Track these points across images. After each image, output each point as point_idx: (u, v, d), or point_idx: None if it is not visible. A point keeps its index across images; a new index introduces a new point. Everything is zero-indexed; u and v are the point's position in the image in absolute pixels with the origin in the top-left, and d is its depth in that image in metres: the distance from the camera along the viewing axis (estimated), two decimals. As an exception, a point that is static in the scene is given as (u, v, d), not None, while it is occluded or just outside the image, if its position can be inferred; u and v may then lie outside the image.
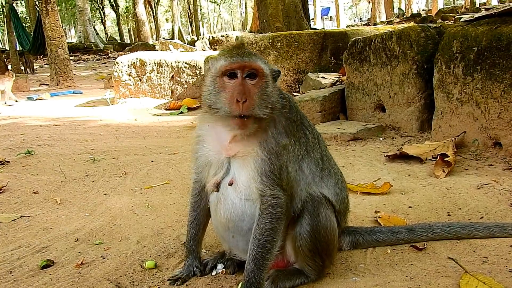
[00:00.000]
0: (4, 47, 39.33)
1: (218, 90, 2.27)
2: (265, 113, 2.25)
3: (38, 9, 22.13)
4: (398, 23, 25.68)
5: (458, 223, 3.00)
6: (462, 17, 5.84)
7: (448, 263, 2.66)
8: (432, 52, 5.37)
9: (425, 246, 2.88)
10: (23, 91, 16.20)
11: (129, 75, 10.92)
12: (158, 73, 10.88)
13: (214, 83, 2.30)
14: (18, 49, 25.71)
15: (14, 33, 26.03)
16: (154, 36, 53.93)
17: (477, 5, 34.45)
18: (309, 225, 2.42)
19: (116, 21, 63.78)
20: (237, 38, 9.42)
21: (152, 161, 5.54)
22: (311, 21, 27.04)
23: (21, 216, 3.92)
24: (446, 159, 4.40)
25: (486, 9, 5.05)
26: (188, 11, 68.02)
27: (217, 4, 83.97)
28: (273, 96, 2.31)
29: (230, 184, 2.40)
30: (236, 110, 2.19)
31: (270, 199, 2.31)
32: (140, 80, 10.94)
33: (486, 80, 4.48)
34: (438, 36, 5.45)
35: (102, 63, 30.80)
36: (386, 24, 27.40)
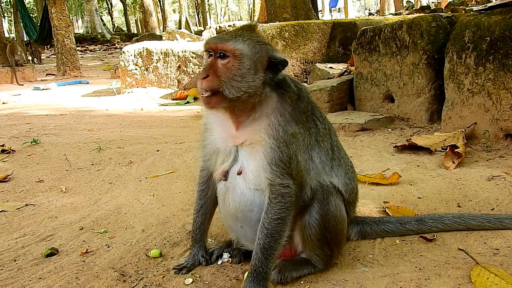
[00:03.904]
0: (11, 37, 39.37)
1: None
2: (233, 93, 2.18)
3: (45, -2, 22.11)
4: (407, 15, 25.41)
5: (468, 214, 2.95)
6: (473, 9, 5.72)
7: (459, 255, 2.61)
8: (443, 42, 5.27)
9: (435, 237, 2.83)
10: (30, 81, 16.20)
11: (136, 65, 10.88)
12: (164, 62, 10.83)
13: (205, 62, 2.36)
14: (25, 39, 25.74)
15: (21, 23, 26.08)
16: (161, 27, 53.80)
17: (488, -3, 34.05)
18: (319, 213, 2.38)
19: (123, 11, 63.75)
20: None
21: (158, 151, 5.51)
22: (319, 12, 26.90)
23: (26, 205, 3.90)
24: (456, 150, 4.32)
25: (499, -2, 4.94)
26: (196, 2, 67.85)
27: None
28: (249, 79, 2.19)
29: (239, 173, 2.36)
30: (198, 84, 2.23)
31: (280, 188, 2.26)
32: (147, 70, 10.89)
33: (498, 70, 4.40)
34: (449, 26, 5.36)
35: (109, 54, 30.75)
36: (395, 15, 27.13)
